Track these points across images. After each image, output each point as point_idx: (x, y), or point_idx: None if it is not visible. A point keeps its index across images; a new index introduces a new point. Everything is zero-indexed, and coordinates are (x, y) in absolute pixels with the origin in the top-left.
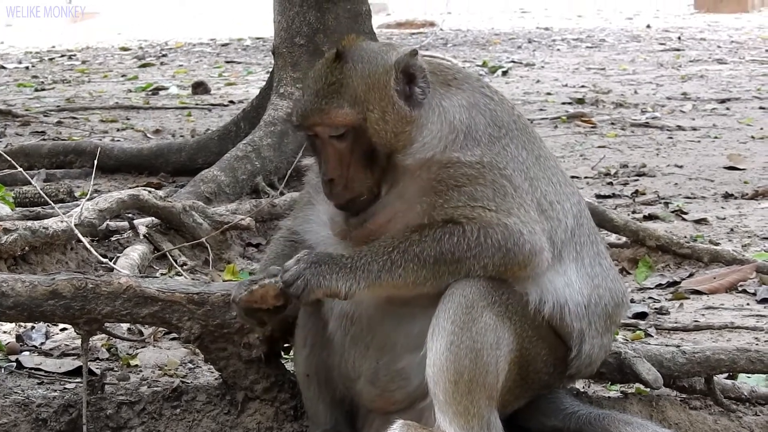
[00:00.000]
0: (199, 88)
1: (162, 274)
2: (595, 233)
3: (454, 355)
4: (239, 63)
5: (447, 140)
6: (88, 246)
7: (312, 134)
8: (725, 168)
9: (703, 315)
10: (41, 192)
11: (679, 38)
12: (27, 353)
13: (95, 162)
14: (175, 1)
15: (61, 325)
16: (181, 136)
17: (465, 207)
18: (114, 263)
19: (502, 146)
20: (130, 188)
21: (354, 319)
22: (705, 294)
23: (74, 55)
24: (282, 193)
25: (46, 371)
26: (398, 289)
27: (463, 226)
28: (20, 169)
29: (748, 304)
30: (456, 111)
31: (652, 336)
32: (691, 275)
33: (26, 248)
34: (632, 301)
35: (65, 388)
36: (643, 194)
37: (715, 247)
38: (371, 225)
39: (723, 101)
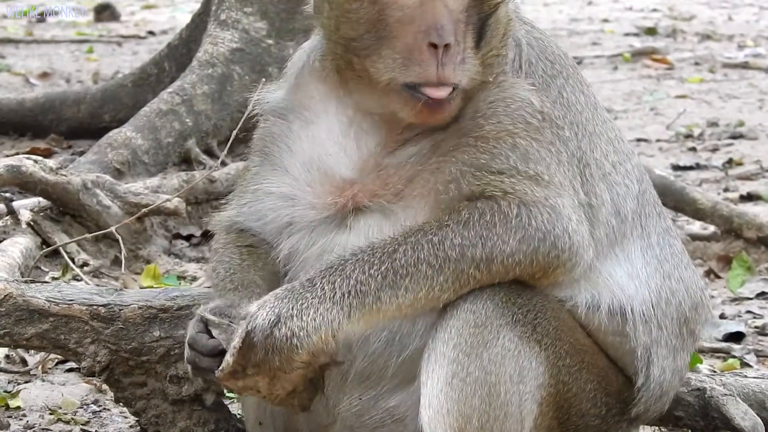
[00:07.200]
0: (105, 12)
1: (54, 279)
2: (660, 204)
3: (458, 393)
4: None
5: (504, 64)
6: None
7: None
8: None
9: None
10: None
11: None
12: None
13: None
14: None
15: None
16: (80, 81)
17: (511, 172)
18: None
19: (557, 89)
20: (8, 156)
21: None
22: None
23: None
24: (224, 163)
25: None
26: (404, 311)
27: (498, 201)
28: None
29: None
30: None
31: (750, 366)
32: None
33: None
34: (723, 316)
35: None
36: (740, 165)
37: None
38: (389, 172)
39: None
